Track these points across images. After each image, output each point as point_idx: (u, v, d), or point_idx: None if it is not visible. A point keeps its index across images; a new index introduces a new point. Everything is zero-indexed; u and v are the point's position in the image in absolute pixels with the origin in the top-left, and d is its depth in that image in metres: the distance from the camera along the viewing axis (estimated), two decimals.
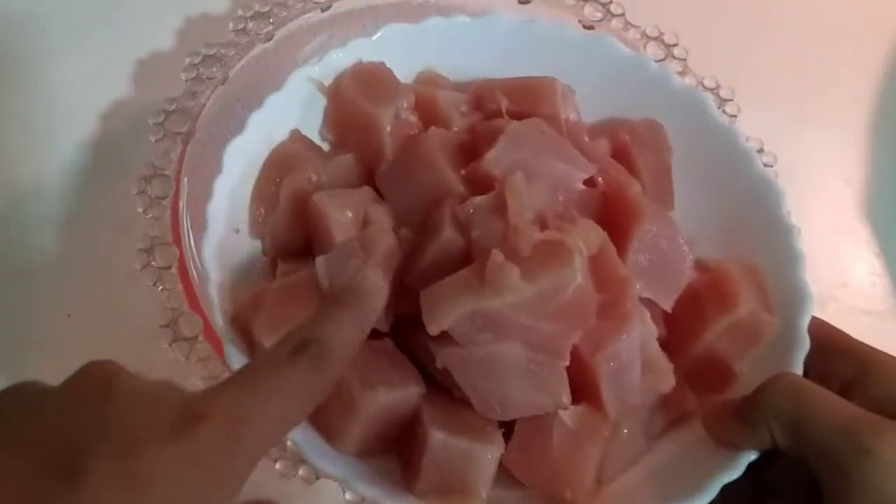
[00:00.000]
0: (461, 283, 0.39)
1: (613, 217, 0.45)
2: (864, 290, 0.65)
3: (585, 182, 0.46)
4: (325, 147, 0.50)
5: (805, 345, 0.42)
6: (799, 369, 0.41)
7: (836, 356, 0.41)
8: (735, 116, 0.62)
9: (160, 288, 0.54)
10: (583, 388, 0.41)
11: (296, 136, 0.49)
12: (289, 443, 0.51)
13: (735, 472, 0.39)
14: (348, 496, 0.49)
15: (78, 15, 0.70)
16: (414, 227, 0.45)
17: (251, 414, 0.30)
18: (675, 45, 0.66)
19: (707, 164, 0.50)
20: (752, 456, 0.39)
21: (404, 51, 0.52)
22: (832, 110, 0.72)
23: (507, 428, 0.42)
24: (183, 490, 0.28)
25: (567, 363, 0.40)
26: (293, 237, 0.46)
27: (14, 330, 0.57)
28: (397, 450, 0.43)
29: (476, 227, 0.41)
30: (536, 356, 0.40)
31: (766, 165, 0.51)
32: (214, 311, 0.42)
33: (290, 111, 0.49)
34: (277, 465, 0.49)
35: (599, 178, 0.47)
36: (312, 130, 0.50)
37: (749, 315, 0.44)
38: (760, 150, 0.61)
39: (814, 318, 0.43)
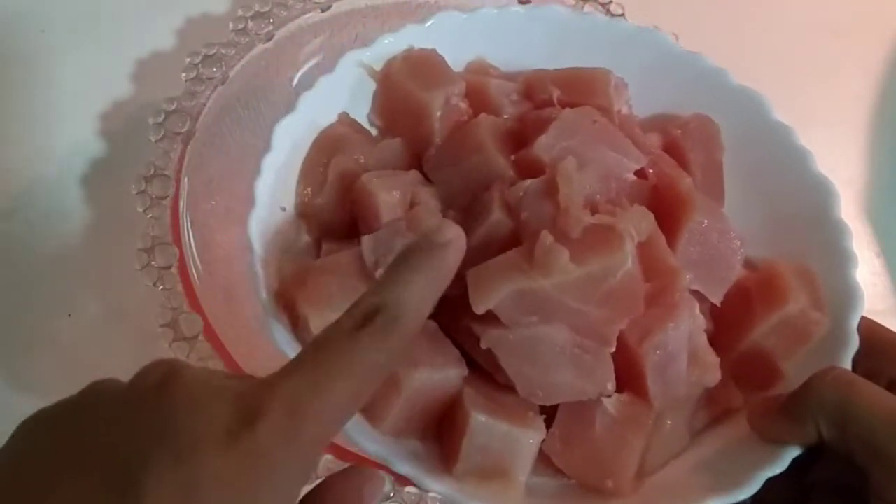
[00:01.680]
0: (509, 263, 0.41)
1: (664, 209, 0.46)
2: (864, 290, 0.67)
3: (636, 174, 0.48)
4: (373, 132, 0.53)
5: (854, 344, 0.44)
6: (848, 368, 0.43)
7: (884, 355, 0.43)
8: None
9: (160, 288, 0.56)
10: (628, 376, 0.43)
11: (344, 119, 0.52)
12: None
13: (779, 466, 0.41)
14: None
15: (78, 15, 0.73)
16: (461, 210, 0.47)
17: (312, 403, 0.30)
18: None
19: (761, 162, 0.52)
20: (797, 451, 0.41)
21: (455, 39, 0.54)
22: (832, 110, 0.75)
23: (549, 415, 0.44)
24: (243, 497, 0.28)
25: (613, 349, 0.42)
26: (339, 218, 0.49)
27: (14, 330, 0.60)
28: (435, 433, 0.44)
29: (525, 210, 0.43)
30: (582, 341, 0.42)
31: None
32: (259, 285, 0.44)
33: (339, 94, 0.52)
34: None
35: (650, 171, 0.49)
36: (360, 115, 0.53)
37: (799, 313, 0.45)
38: None
39: (863, 318, 0.45)
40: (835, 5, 0.82)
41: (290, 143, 0.49)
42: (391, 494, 0.51)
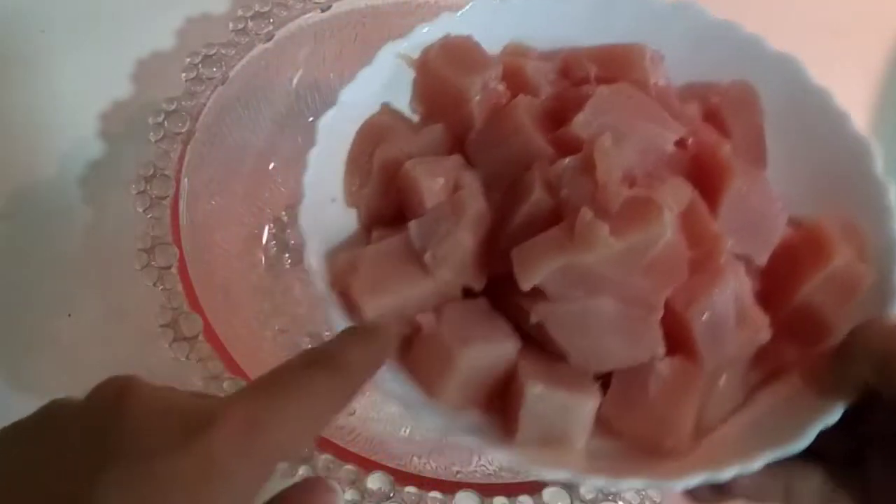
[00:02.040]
0: (552, 240, 0.43)
1: (704, 177, 0.48)
2: None
3: (676, 144, 0.49)
4: (415, 119, 0.55)
5: None
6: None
7: None
8: None
9: (160, 288, 0.57)
10: (677, 340, 0.45)
11: (386, 109, 0.54)
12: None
13: (831, 417, 0.42)
14: (348, 496, 0.52)
15: (78, 15, 0.75)
16: (503, 190, 0.49)
17: (265, 417, 0.32)
18: None
19: (800, 125, 0.53)
20: (848, 401, 0.42)
21: (490, 25, 0.56)
22: None
23: (604, 380, 0.46)
24: (201, 500, 0.30)
25: (661, 315, 0.44)
26: (386, 205, 0.51)
27: (14, 330, 0.62)
28: (495, 404, 0.46)
29: (565, 187, 0.45)
30: (629, 310, 0.44)
31: None
32: (315, 276, 0.47)
33: (379, 85, 0.54)
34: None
35: (689, 140, 0.50)
36: (401, 104, 0.55)
37: (845, 267, 0.46)
38: None
39: None
40: (835, 5, 0.82)
41: (332, 135, 0.52)
42: (391, 494, 0.53)
